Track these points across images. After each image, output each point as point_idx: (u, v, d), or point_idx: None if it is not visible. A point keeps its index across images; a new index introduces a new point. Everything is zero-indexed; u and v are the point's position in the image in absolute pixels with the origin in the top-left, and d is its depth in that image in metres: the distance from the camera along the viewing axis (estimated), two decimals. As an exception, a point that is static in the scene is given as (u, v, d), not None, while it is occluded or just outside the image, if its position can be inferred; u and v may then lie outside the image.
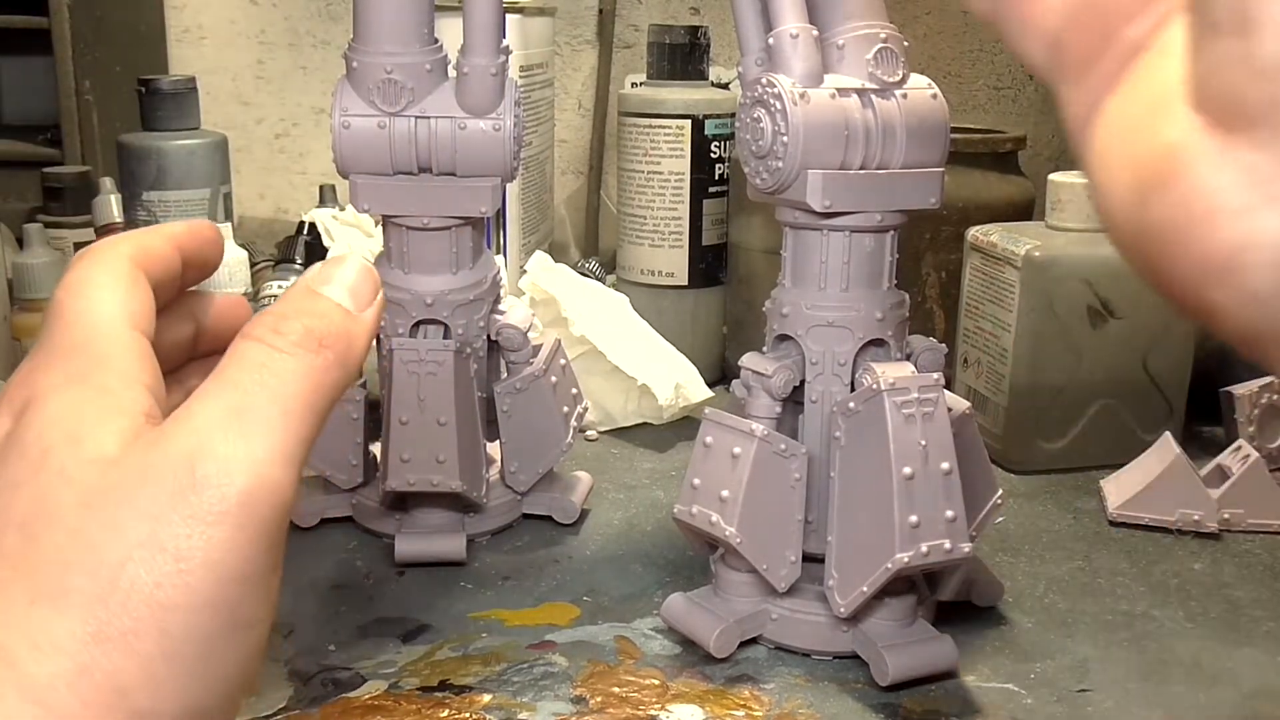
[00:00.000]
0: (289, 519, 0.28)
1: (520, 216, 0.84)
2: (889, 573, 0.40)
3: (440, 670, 0.42)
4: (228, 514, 0.26)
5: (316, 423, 0.29)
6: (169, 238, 0.34)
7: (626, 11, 1.19)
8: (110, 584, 0.25)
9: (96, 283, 0.30)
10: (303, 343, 0.29)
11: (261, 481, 0.26)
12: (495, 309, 0.53)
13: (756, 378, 0.43)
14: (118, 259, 0.31)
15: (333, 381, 0.29)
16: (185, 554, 0.25)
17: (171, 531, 0.25)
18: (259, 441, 0.27)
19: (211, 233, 0.37)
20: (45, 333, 0.30)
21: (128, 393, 0.28)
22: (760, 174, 0.42)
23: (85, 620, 0.25)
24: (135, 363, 0.29)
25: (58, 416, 0.27)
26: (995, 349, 0.62)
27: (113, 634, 0.25)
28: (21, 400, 0.28)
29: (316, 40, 1.25)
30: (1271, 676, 0.43)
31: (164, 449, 0.26)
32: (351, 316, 0.30)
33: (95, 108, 1.16)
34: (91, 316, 0.29)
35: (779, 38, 0.41)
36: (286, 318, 0.29)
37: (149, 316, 0.31)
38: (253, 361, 0.28)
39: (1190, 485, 0.55)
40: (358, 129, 0.47)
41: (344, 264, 0.31)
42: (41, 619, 0.24)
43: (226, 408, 0.27)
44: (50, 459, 0.26)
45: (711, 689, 0.41)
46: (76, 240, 0.89)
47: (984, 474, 0.46)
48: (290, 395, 0.28)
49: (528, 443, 0.54)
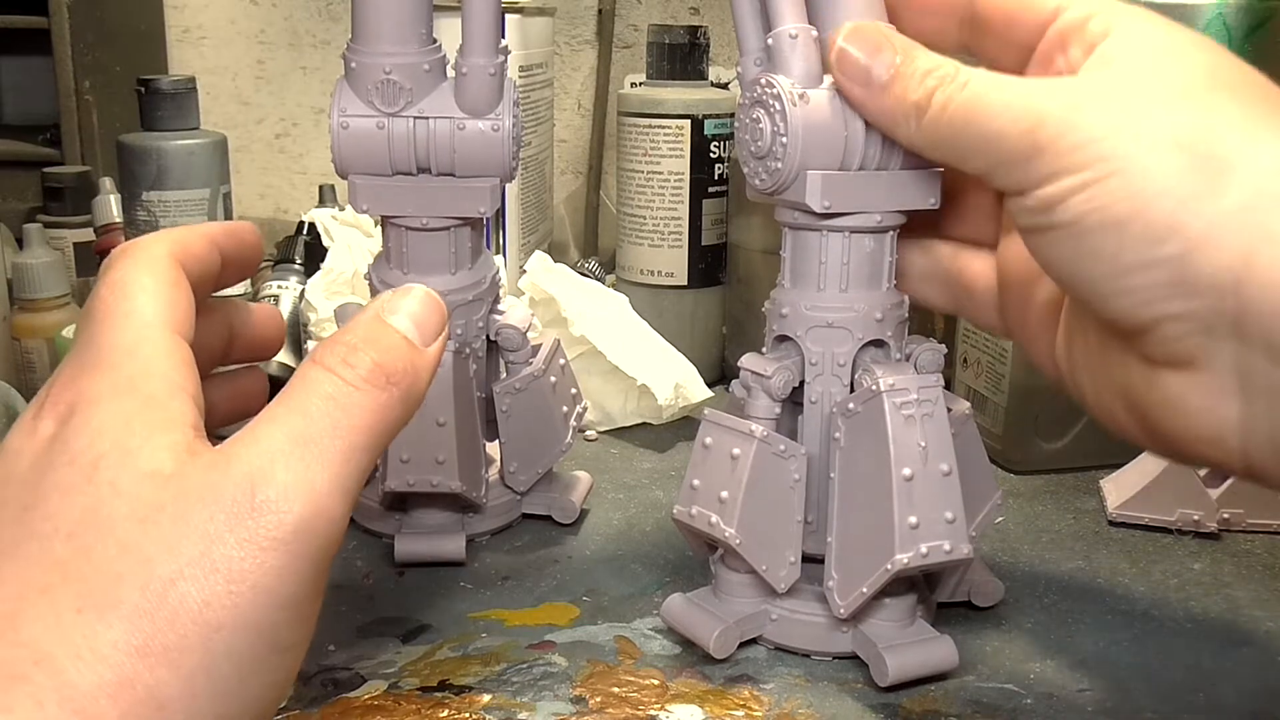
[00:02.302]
0: (336, 551, 0.28)
1: (519, 216, 0.84)
2: (889, 574, 0.40)
3: (440, 670, 0.42)
4: (283, 541, 0.26)
5: (374, 459, 0.29)
6: (210, 238, 0.34)
7: (626, 11, 1.19)
8: (159, 599, 0.25)
9: (140, 283, 0.30)
10: (371, 378, 0.29)
11: (318, 511, 0.27)
12: (494, 309, 0.53)
13: (756, 378, 0.43)
14: (160, 258, 0.31)
15: (395, 419, 0.30)
16: (237, 576, 0.25)
17: (225, 552, 0.26)
18: (320, 472, 0.27)
19: (252, 236, 0.37)
20: (87, 331, 0.30)
21: (174, 403, 0.28)
22: (759, 174, 0.42)
23: (132, 633, 0.25)
24: (178, 370, 0.29)
25: (106, 426, 0.27)
26: (995, 349, 0.62)
27: (157, 648, 0.25)
28: (66, 404, 0.28)
29: (316, 40, 1.25)
30: (1271, 676, 0.43)
31: (225, 469, 0.27)
32: (418, 351, 0.30)
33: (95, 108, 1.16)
34: (135, 320, 0.29)
35: (778, 38, 0.41)
36: (356, 349, 0.29)
37: (189, 319, 0.31)
38: (321, 391, 0.28)
39: (1190, 485, 0.55)
40: (356, 129, 0.47)
41: (411, 295, 0.32)
42: (88, 628, 0.24)
43: (291, 435, 0.27)
44: (102, 470, 0.26)
45: (711, 689, 0.41)
46: (76, 240, 0.89)
47: (984, 474, 0.46)
48: (355, 429, 0.28)
49: (527, 443, 0.54)
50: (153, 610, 0.25)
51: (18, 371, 0.68)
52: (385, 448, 0.30)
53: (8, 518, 0.27)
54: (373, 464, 0.29)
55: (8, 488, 0.27)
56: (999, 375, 0.62)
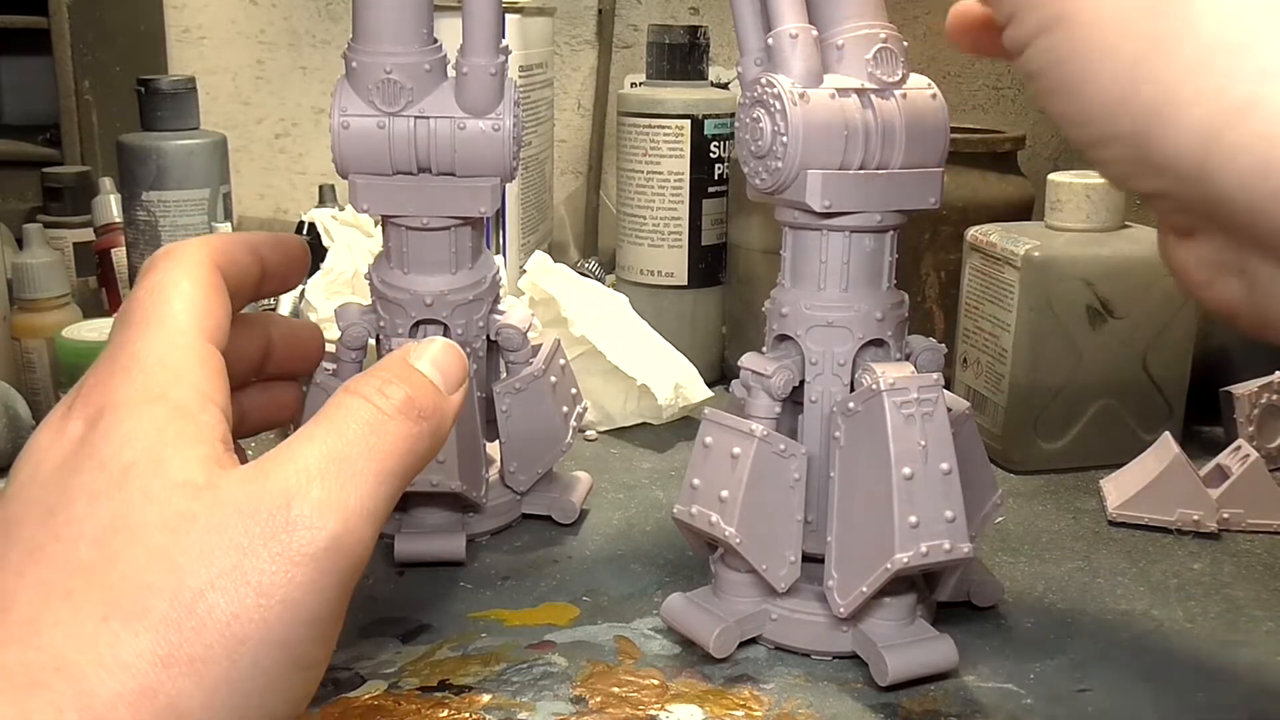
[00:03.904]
0: (360, 574, 0.28)
1: (520, 216, 0.84)
2: (889, 573, 0.40)
3: (440, 670, 0.42)
4: (314, 557, 0.26)
5: (402, 487, 0.30)
6: (252, 247, 0.34)
7: (626, 11, 1.19)
8: (188, 609, 0.25)
9: (178, 288, 0.30)
10: (405, 410, 0.29)
11: (349, 529, 0.27)
12: (495, 309, 0.53)
13: (756, 378, 0.43)
14: (200, 264, 0.31)
15: (424, 452, 0.30)
16: (267, 589, 0.26)
17: (257, 565, 0.26)
18: (353, 492, 0.27)
19: (298, 249, 0.37)
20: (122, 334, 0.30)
21: (204, 415, 0.28)
22: (759, 174, 0.42)
23: (157, 642, 0.25)
24: (209, 380, 0.29)
25: (137, 433, 0.27)
26: (994, 349, 0.62)
27: (182, 659, 0.25)
28: (96, 406, 0.28)
29: (316, 40, 1.25)
30: (1271, 676, 0.43)
31: (262, 484, 0.27)
32: (442, 395, 0.31)
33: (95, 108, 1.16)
34: (169, 326, 0.30)
35: (778, 38, 0.41)
36: (390, 382, 0.30)
37: (224, 328, 0.31)
38: (358, 417, 0.29)
39: (1190, 485, 0.55)
40: (357, 129, 0.47)
41: (436, 344, 0.32)
42: (112, 637, 0.24)
43: (328, 455, 0.28)
44: (133, 477, 0.26)
45: (711, 689, 0.41)
46: (76, 240, 0.89)
47: (984, 474, 0.46)
48: (388, 455, 0.29)
49: (527, 443, 0.54)
50: (180, 620, 0.25)
51: (17, 371, 0.68)
52: (412, 479, 0.30)
53: (33, 518, 0.26)
54: (400, 493, 0.30)
55: (34, 488, 0.27)
56: (999, 375, 0.62)
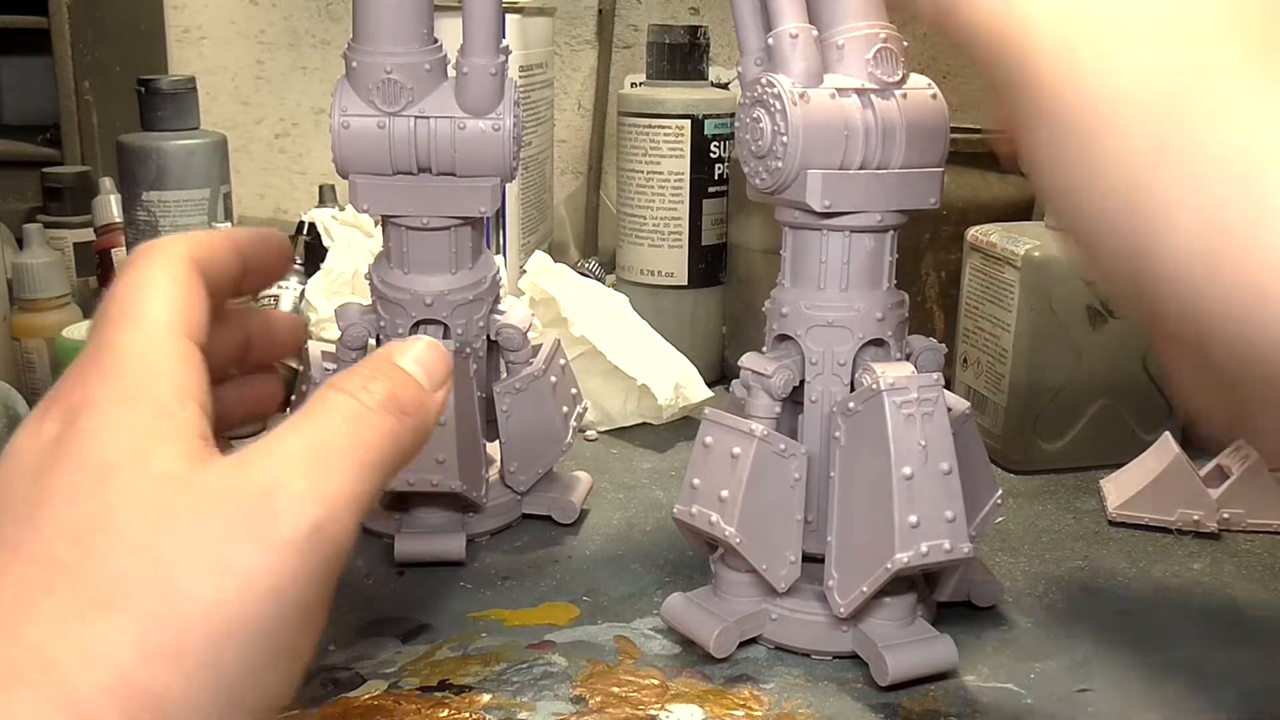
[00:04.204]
0: (344, 563, 0.28)
1: (520, 216, 0.84)
2: (889, 573, 0.40)
3: (440, 670, 0.42)
4: (297, 545, 0.26)
5: (385, 481, 0.30)
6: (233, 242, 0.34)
7: (626, 11, 1.19)
8: (170, 601, 0.25)
9: (156, 285, 0.30)
10: (387, 404, 0.30)
11: (332, 518, 0.27)
12: (495, 309, 0.53)
13: (756, 378, 0.43)
14: (177, 261, 0.31)
15: (407, 446, 0.30)
16: (250, 579, 0.26)
17: (240, 555, 0.26)
18: (336, 481, 0.28)
19: (280, 244, 0.37)
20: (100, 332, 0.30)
21: (184, 411, 0.28)
22: (760, 174, 0.42)
23: (138, 634, 0.25)
24: (188, 376, 0.29)
25: (115, 430, 0.27)
26: (995, 349, 0.62)
27: (165, 651, 0.25)
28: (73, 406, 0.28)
29: (316, 40, 1.25)
30: (1271, 676, 0.43)
31: (243, 475, 0.27)
32: (426, 392, 0.31)
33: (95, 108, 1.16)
34: (147, 323, 0.30)
35: (778, 38, 0.41)
36: (374, 378, 0.30)
37: (202, 324, 0.31)
38: (341, 409, 0.29)
39: (1190, 485, 0.55)
40: (357, 129, 0.47)
41: (419, 343, 0.32)
42: (93, 631, 0.24)
43: (310, 445, 0.28)
44: (113, 475, 0.26)
45: (711, 689, 0.41)
46: (76, 240, 0.89)
47: (984, 474, 0.46)
48: (370, 447, 0.29)
49: (527, 442, 0.54)
50: (162, 613, 0.25)
51: (17, 371, 0.68)
52: (395, 474, 0.30)
53: (13, 518, 0.27)
54: (383, 487, 0.30)
55: (14, 488, 0.27)
56: (999, 375, 0.62)
